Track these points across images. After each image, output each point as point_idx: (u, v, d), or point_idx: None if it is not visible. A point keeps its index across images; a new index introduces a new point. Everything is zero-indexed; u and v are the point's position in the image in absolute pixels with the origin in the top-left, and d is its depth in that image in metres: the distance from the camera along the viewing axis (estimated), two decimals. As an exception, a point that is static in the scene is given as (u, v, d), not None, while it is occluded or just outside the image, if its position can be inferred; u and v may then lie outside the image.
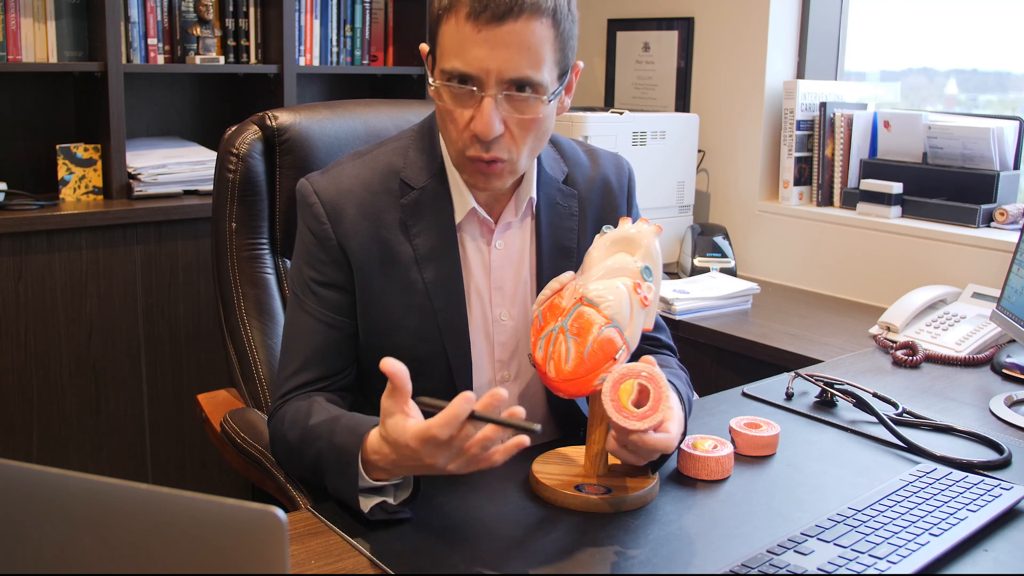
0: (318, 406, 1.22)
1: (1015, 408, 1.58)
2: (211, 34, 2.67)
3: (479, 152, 1.20)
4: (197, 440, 2.58)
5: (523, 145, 1.22)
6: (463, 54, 1.15)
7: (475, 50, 1.15)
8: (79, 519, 0.63)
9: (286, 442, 1.24)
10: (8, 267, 2.25)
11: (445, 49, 1.18)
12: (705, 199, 2.88)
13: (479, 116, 1.17)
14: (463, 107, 1.19)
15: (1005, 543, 1.11)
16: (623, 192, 1.45)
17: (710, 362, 2.18)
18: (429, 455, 1.02)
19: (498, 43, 1.14)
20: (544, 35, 1.17)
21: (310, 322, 1.29)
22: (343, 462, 1.11)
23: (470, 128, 1.19)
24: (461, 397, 0.99)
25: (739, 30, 2.73)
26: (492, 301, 1.34)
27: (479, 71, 1.15)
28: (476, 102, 1.17)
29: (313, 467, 1.18)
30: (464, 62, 1.16)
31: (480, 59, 1.15)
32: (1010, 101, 2.53)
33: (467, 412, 0.99)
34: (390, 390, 1.04)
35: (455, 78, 1.17)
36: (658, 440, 1.12)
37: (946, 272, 2.27)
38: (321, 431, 1.17)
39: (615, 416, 1.11)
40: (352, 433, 1.12)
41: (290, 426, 1.23)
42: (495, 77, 1.16)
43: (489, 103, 1.16)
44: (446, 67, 1.17)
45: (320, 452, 1.15)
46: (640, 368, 1.14)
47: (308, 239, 1.30)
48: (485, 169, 1.22)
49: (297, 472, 1.29)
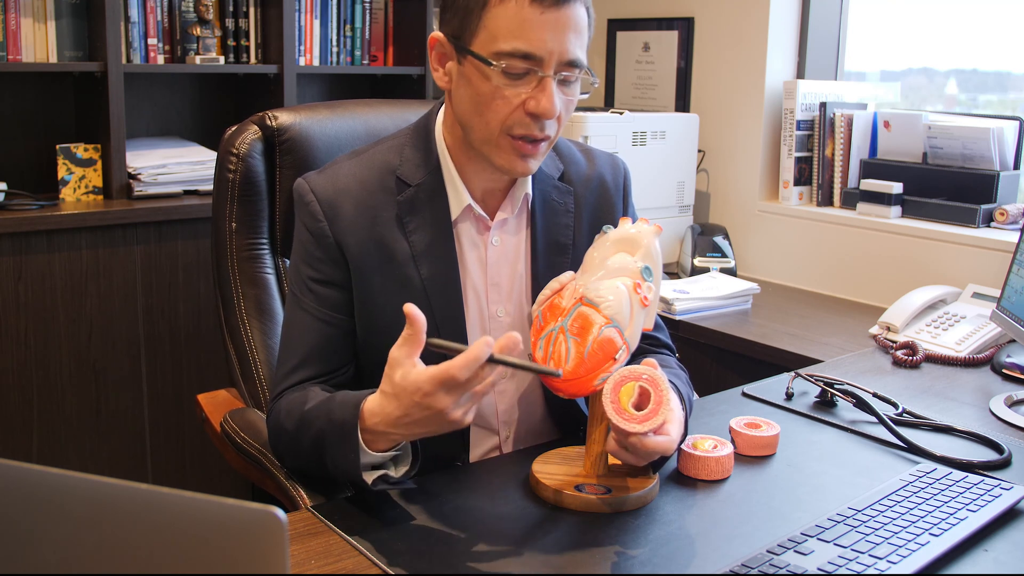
0: (313, 393, 1.23)
1: (1015, 408, 1.58)
2: (211, 34, 2.67)
3: (532, 131, 1.22)
4: (197, 440, 2.58)
5: (562, 125, 1.26)
6: (525, 35, 1.18)
7: (539, 31, 1.18)
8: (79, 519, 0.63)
9: (284, 432, 1.25)
10: (8, 267, 2.25)
11: (501, 30, 1.19)
12: (705, 199, 2.88)
13: (543, 96, 1.20)
14: (516, 87, 1.21)
15: (1005, 543, 1.11)
16: (619, 191, 1.45)
17: (710, 362, 2.18)
18: (441, 399, 1.03)
19: (560, 25, 1.19)
20: (586, 20, 1.24)
21: (308, 320, 1.30)
22: (342, 434, 1.12)
23: (525, 107, 1.21)
24: (482, 341, 1.01)
25: (739, 30, 2.73)
26: (488, 297, 1.35)
27: (543, 52, 1.19)
28: (533, 82, 1.20)
29: (312, 449, 1.19)
30: (528, 43, 1.18)
31: (545, 40, 1.18)
32: (1010, 101, 2.53)
33: (487, 355, 1.01)
34: (404, 338, 1.05)
35: (516, 58, 1.19)
36: (658, 442, 1.13)
37: (946, 272, 2.27)
38: (318, 412, 1.18)
39: (615, 418, 1.11)
40: (348, 405, 1.13)
41: (287, 416, 1.24)
42: (556, 58, 1.20)
43: (551, 83, 1.20)
44: (504, 48, 1.19)
45: (319, 431, 1.17)
46: (641, 371, 1.14)
47: (305, 238, 1.30)
48: (531, 150, 1.24)
49: (297, 461, 1.29)
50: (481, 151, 1.27)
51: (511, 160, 1.25)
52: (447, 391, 1.02)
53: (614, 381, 1.14)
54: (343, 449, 1.12)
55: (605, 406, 1.12)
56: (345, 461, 1.12)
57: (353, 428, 1.10)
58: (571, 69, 1.22)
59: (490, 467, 1.30)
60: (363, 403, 1.11)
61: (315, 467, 1.22)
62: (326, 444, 1.15)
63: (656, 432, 1.13)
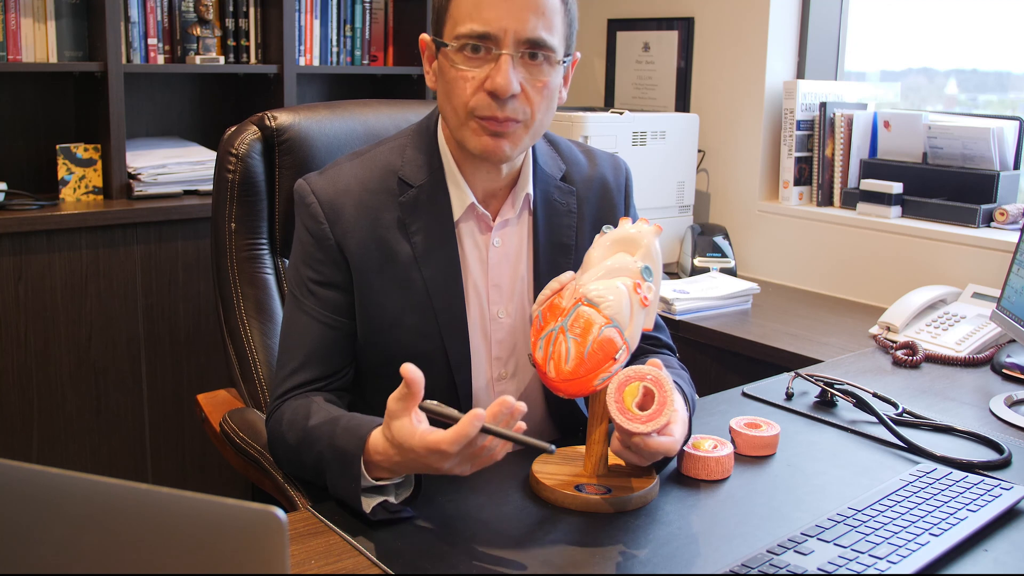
0: (316, 406, 1.22)
1: (1015, 408, 1.57)
2: (211, 34, 2.67)
3: (494, 111, 1.21)
4: (197, 440, 2.58)
5: (536, 109, 1.24)
6: (480, 15, 1.19)
7: (493, 10, 1.19)
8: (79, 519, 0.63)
9: (285, 443, 1.24)
10: (8, 267, 2.25)
11: (461, 14, 1.20)
12: (705, 199, 2.88)
13: (497, 72, 1.20)
14: (477, 68, 1.21)
15: (1005, 543, 1.11)
16: (621, 192, 1.45)
17: (710, 362, 2.18)
18: (436, 461, 1.04)
19: (517, 5, 1.19)
20: (555, 3, 1.22)
21: (308, 322, 1.29)
22: (345, 464, 1.11)
23: (484, 87, 1.20)
24: (472, 415, 1.00)
25: (739, 30, 2.73)
26: (490, 298, 1.34)
27: (497, 30, 1.19)
28: (492, 61, 1.20)
29: (314, 469, 1.18)
30: (482, 22, 1.19)
31: (499, 18, 1.19)
32: (1010, 101, 2.53)
33: (477, 430, 1.01)
34: (401, 394, 1.04)
35: (473, 38, 1.19)
36: (662, 443, 1.13)
37: (946, 272, 2.27)
38: (321, 433, 1.17)
39: (619, 418, 1.11)
40: (353, 435, 1.12)
41: (288, 427, 1.23)
42: (512, 36, 1.19)
43: (507, 60, 1.20)
44: (462, 31, 1.20)
45: (320, 454, 1.15)
46: (646, 371, 1.14)
47: (306, 239, 1.30)
48: (497, 128, 1.22)
49: (297, 473, 1.29)
50: (456, 138, 1.27)
51: (481, 140, 1.23)
52: (441, 458, 1.04)
53: (618, 381, 1.14)
54: (344, 479, 1.11)
55: (609, 406, 1.12)
56: (346, 491, 1.11)
57: (356, 459, 1.10)
58: (534, 49, 1.21)
59: (490, 467, 1.29)
60: (368, 437, 1.10)
61: (315, 481, 1.22)
62: (327, 469, 1.15)
63: (660, 432, 1.13)
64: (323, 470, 1.16)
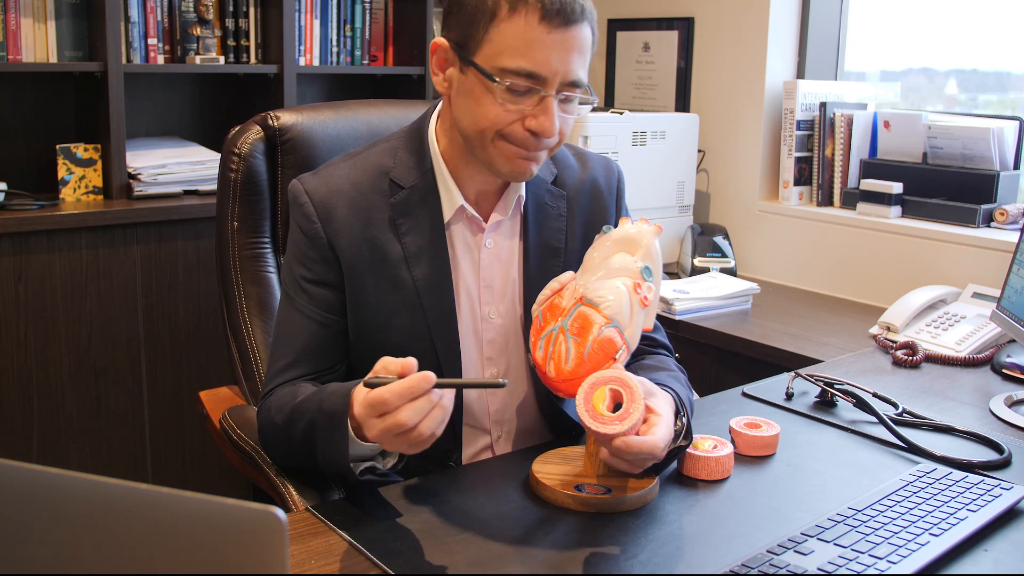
0: (303, 388, 1.24)
1: (1015, 408, 1.58)
2: (211, 34, 2.67)
3: (528, 144, 1.23)
4: (197, 440, 2.59)
5: (563, 138, 1.27)
6: (531, 54, 1.18)
7: (545, 51, 1.18)
8: (79, 519, 0.63)
9: (274, 425, 1.26)
10: (8, 267, 2.25)
11: (507, 47, 1.19)
12: (705, 199, 2.88)
13: (544, 116, 1.21)
14: (518, 104, 1.21)
15: (1005, 543, 1.11)
16: (612, 195, 1.46)
17: (710, 362, 2.18)
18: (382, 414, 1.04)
19: (567, 46, 1.19)
20: (591, 40, 1.24)
21: (300, 319, 1.31)
22: (332, 423, 1.13)
23: (525, 124, 1.22)
24: (421, 374, 1.03)
25: (739, 30, 2.73)
26: (481, 299, 1.35)
27: (548, 72, 1.19)
28: (535, 100, 1.21)
29: (303, 439, 1.19)
30: (533, 62, 1.18)
31: (550, 61, 1.19)
32: (1010, 101, 2.53)
33: (423, 384, 1.02)
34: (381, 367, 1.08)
35: (520, 76, 1.19)
36: (644, 442, 1.10)
37: (946, 272, 2.27)
38: (308, 403, 1.19)
39: (592, 424, 1.11)
40: (337, 395, 1.14)
41: (277, 411, 1.25)
42: (560, 79, 1.20)
43: (552, 103, 1.20)
44: (509, 65, 1.19)
45: (309, 421, 1.17)
46: (609, 375, 1.13)
47: (299, 238, 1.32)
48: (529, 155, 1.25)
49: (287, 455, 1.30)
50: (480, 158, 1.27)
51: (511, 163, 1.25)
52: (383, 406, 1.03)
53: (583, 392, 1.13)
54: (333, 437, 1.12)
55: (582, 417, 1.11)
56: (335, 450, 1.12)
57: (343, 416, 1.11)
58: (572, 89, 1.22)
59: (489, 467, 1.30)
60: (352, 391, 1.11)
61: (305, 459, 1.23)
62: (316, 433, 1.16)
63: (639, 432, 1.12)
64: (313, 439, 1.17)
